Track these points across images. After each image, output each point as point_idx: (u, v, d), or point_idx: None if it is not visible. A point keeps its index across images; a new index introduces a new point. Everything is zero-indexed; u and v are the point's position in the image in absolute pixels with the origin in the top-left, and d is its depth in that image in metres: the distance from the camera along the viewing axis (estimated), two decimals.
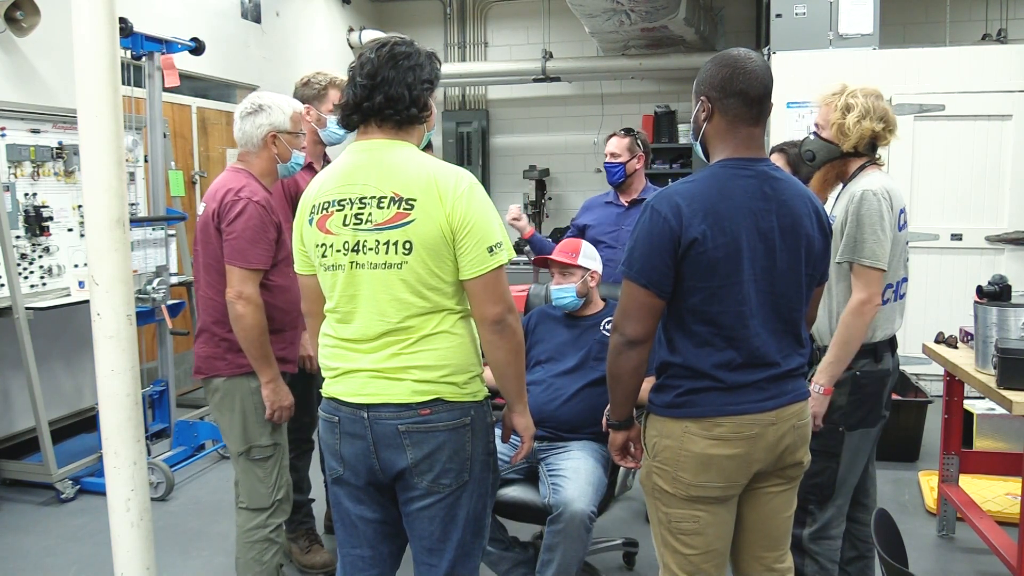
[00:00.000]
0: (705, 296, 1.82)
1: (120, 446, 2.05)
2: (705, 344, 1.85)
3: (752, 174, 1.86)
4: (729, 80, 1.84)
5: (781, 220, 1.85)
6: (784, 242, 1.85)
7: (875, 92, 2.46)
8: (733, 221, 1.80)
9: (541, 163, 8.44)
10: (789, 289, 1.88)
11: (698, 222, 1.78)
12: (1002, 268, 5.24)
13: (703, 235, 1.78)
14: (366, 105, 1.86)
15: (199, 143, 6.02)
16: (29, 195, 4.01)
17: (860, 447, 2.44)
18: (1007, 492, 3.65)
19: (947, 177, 5.46)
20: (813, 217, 1.91)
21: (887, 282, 2.38)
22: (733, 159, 1.87)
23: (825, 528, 2.42)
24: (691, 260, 1.80)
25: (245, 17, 6.47)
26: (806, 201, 1.91)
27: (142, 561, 2.11)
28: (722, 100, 1.85)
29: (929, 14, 7.26)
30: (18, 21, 4.25)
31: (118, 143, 1.99)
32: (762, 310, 1.85)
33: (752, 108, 1.85)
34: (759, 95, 1.85)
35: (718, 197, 1.82)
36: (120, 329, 2.01)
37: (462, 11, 8.66)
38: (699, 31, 7.15)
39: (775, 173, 1.89)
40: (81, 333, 4.44)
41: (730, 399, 1.85)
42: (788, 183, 1.90)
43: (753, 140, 1.89)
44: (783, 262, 1.86)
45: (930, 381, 4.70)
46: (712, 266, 1.80)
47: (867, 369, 2.41)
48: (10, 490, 4.05)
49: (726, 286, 1.81)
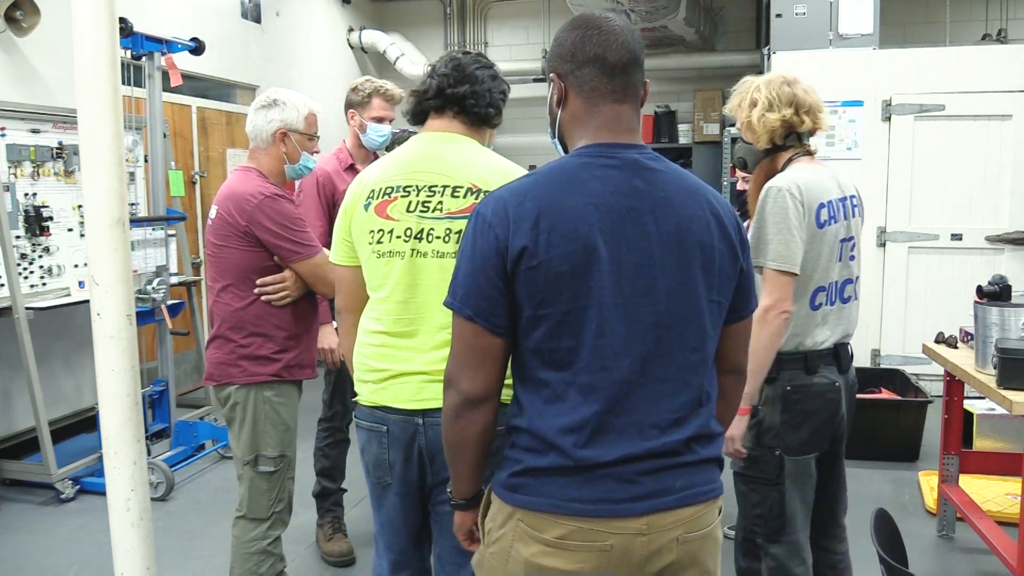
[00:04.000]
0: (550, 328, 1.32)
1: (120, 446, 2.04)
2: (556, 399, 1.34)
3: (617, 163, 1.38)
4: (580, 45, 1.41)
5: (661, 224, 1.36)
6: (667, 254, 1.36)
7: (783, 79, 2.21)
8: (583, 223, 1.32)
9: (541, 163, 8.37)
10: (680, 319, 1.36)
11: (529, 225, 1.32)
12: (1002, 268, 5.24)
13: (535, 242, 1.31)
14: (450, 91, 1.89)
15: (199, 143, 6.02)
16: (29, 195, 4.01)
17: (805, 474, 2.17)
18: (1007, 492, 3.65)
19: (947, 177, 5.46)
20: (713, 221, 1.40)
21: (816, 285, 2.14)
22: (592, 146, 1.41)
23: (783, 568, 2.16)
24: (524, 278, 1.31)
25: (245, 17, 6.47)
26: (703, 200, 1.41)
27: (142, 561, 2.10)
28: (574, 72, 1.42)
29: (929, 14, 7.25)
30: (18, 21, 4.25)
31: (118, 143, 1.98)
32: (636, 347, 1.33)
33: (614, 78, 1.40)
34: (621, 61, 1.40)
35: (562, 192, 1.35)
36: (120, 329, 2.01)
37: (462, 11, 8.66)
38: (699, 31, 7.15)
39: (651, 163, 1.41)
40: (81, 333, 4.43)
41: (577, 489, 1.31)
42: (673, 176, 1.42)
43: (620, 121, 1.42)
44: (668, 280, 1.35)
45: (930, 381, 4.71)
46: (553, 284, 1.31)
47: (798, 383, 2.14)
48: (10, 490, 4.05)
49: (575, 311, 1.31)
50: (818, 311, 2.16)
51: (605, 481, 1.31)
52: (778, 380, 2.15)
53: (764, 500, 2.17)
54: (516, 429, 1.40)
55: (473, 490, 1.53)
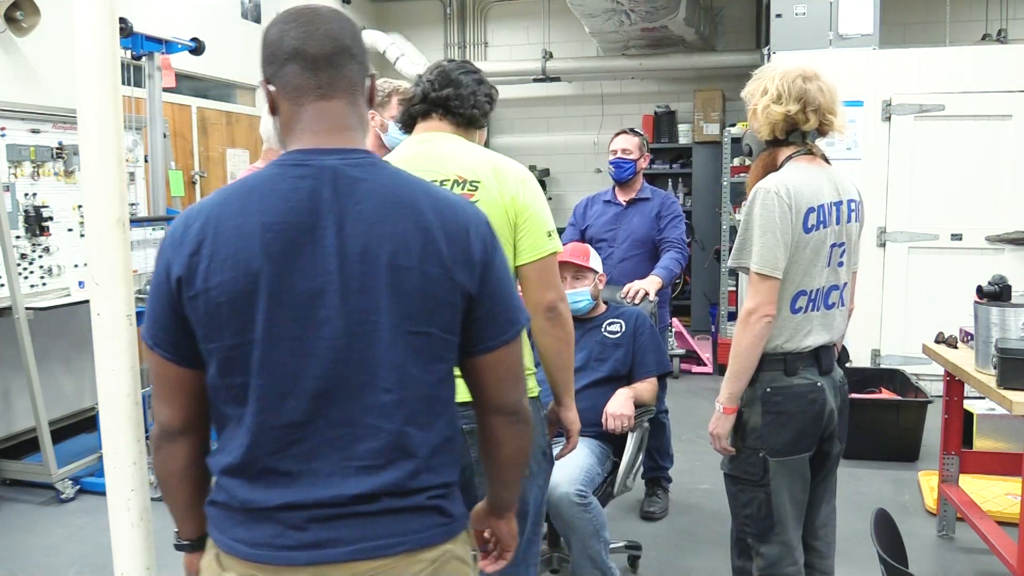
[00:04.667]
0: (220, 363, 1.20)
1: (120, 446, 2.04)
2: (231, 437, 1.23)
3: (309, 172, 1.20)
4: (279, 42, 1.24)
5: (347, 243, 1.18)
6: (351, 278, 1.18)
7: (801, 73, 2.14)
8: (247, 247, 1.16)
9: (541, 163, 8.44)
10: (365, 354, 1.19)
11: (189, 252, 1.18)
12: (1002, 268, 5.22)
13: (194, 271, 1.18)
14: (433, 95, 1.95)
15: (199, 143, 6.02)
16: (29, 195, 4.01)
17: (794, 475, 2.15)
18: (1007, 492, 3.64)
19: (947, 177, 5.46)
20: (419, 238, 1.20)
21: (797, 289, 2.11)
22: (291, 153, 1.24)
23: (775, 567, 2.16)
24: (188, 309, 1.20)
25: (245, 17, 6.47)
26: (410, 214, 1.21)
27: (142, 561, 2.10)
28: (278, 73, 1.24)
29: (929, 14, 7.25)
30: (18, 21, 4.25)
31: (118, 143, 1.98)
32: (308, 386, 1.18)
33: (318, 73, 1.23)
34: (325, 52, 1.23)
35: (234, 212, 1.19)
36: (120, 329, 2.01)
37: (462, 11, 8.65)
38: (699, 31, 7.15)
39: (353, 171, 1.21)
40: (81, 333, 4.43)
41: (245, 530, 1.21)
42: (378, 185, 1.22)
43: (326, 120, 1.24)
44: (350, 310, 1.18)
45: (930, 381, 4.70)
46: (214, 317, 1.18)
47: (778, 384, 2.12)
48: (10, 490, 4.05)
49: (241, 346, 1.18)
50: (798, 315, 2.12)
51: (269, 525, 1.19)
52: (757, 382, 2.13)
53: (752, 501, 2.16)
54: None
55: (195, 531, 1.37)
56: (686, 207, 7.62)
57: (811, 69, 2.17)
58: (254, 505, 1.20)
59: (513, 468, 1.43)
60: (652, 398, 2.96)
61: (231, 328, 1.18)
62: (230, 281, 1.16)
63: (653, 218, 3.78)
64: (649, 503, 3.71)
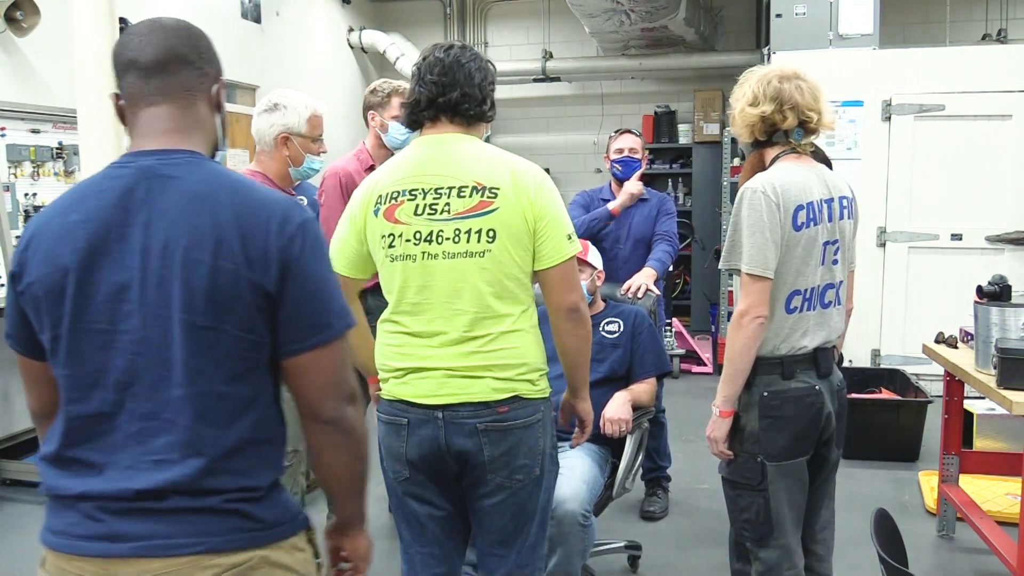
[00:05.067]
0: (49, 354, 1.28)
1: None
2: (55, 426, 1.29)
3: (128, 172, 1.25)
4: (118, 54, 1.30)
5: (151, 239, 1.21)
6: (151, 273, 1.21)
7: (779, 74, 2.12)
8: (63, 243, 1.23)
9: (541, 163, 8.32)
10: (160, 348, 1.21)
11: (21, 248, 1.28)
12: (1002, 268, 5.23)
13: (22, 267, 1.26)
14: (441, 100, 1.91)
15: None
16: (29, 195, 4.01)
17: (792, 479, 2.14)
18: (1007, 492, 3.64)
19: (947, 177, 5.46)
20: (213, 234, 1.21)
21: (791, 288, 2.10)
22: (122, 155, 1.31)
23: (774, 571, 2.16)
24: (22, 303, 1.28)
25: (245, 17, 6.47)
26: (208, 210, 1.22)
27: None
28: (120, 84, 1.31)
29: (929, 14, 7.25)
30: (18, 21, 4.25)
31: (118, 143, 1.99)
32: (111, 378, 1.22)
33: (150, 81, 1.28)
34: (158, 60, 1.27)
35: (60, 210, 1.27)
36: None
37: (462, 11, 8.65)
38: (699, 31, 7.15)
39: (168, 170, 1.25)
40: None
41: (51, 517, 1.25)
42: (186, 183, 1.24)
43: (154, 124, 1.29)
44: (149, 304, 1.21)
45: (930, 381, 4.70)
46: (36, 312, 1.26)
47: (775, 389, 2.10)
48: (10, 490, 4.05)
49: (56, 339, 1.25)
50: (793, 315, 2.10)
51: (70, 514, 1.22)
52: (754, 385, 2.11)
53: (750, 505, 2.14)
54: None
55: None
56: (686, 207, 7.62)
57: (791, 69, 2.16)
58: (58, 492, 1.24)
59: (339, 482, 1.38)
60: (651, 400, 2.92)
61: (49, 321, 1.25)
62: (45, 276, 1.24)
63: (652, 219, 3.79)
64: (649, 503, 3.71)
